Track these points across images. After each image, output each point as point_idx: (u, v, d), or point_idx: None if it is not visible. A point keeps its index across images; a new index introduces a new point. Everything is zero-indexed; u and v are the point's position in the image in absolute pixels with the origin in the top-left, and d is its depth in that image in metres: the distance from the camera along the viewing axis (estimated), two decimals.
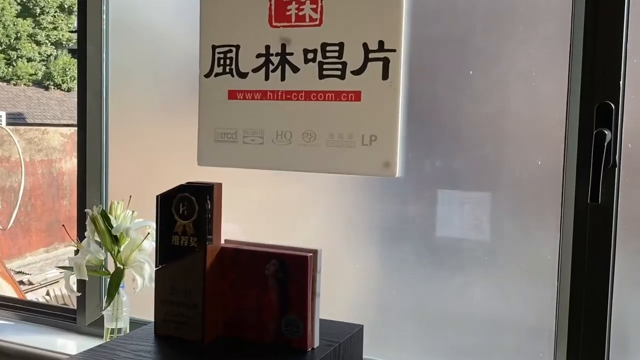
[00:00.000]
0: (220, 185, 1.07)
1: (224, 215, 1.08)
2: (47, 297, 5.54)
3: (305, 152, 1.38)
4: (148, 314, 1.16)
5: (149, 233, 1.39)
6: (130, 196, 1.43)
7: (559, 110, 1.24)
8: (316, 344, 1.05)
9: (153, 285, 1.33)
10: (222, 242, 1.10)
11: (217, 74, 1.45)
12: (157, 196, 1.08)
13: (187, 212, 1.06)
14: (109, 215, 1.40)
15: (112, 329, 1.41)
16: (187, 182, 1.07)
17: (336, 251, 1.43)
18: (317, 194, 1.47)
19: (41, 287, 5.93)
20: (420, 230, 1.36)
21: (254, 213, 1.53)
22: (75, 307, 1.72)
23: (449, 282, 1.35)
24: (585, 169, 1.20)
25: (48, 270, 6.36)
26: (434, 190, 1.34)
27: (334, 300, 1.40)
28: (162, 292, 1.09)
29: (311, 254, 1.03)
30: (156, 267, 1.09)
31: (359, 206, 1.43)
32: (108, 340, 1.37)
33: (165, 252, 1.08)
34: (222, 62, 1.44)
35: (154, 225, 1.38)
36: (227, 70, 1.44)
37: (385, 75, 1.29)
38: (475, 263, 1.33)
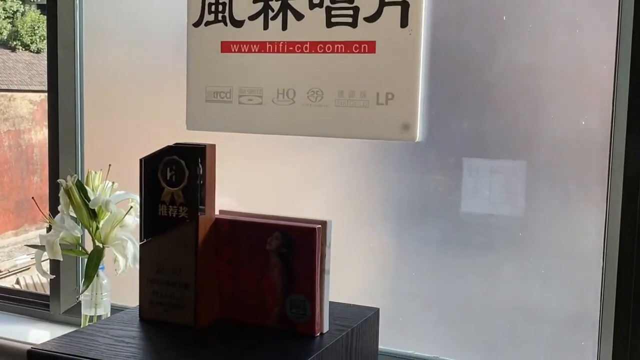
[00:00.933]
0: (213, 147, 1.06)
1: (217, 188, 1.08)
2: (17, 287, 5.58)
3: (311, 114, 1.37)
4: (132, 300, 1.16)
5: (131, 207, 1.39)
6: (110, 165, 1.43)
7: (606, 61, 1.22)
8: (325, 328, 1.05)
9: (137, 266, 1.33)
10: (217, 213, 1.09)
11: (207, 23, 1.43)
12: (140, 160, 1.07)
13: (175, 177, 1.05)
14: (86, 187, 1.40)
15: (90, 316, 1.41)
16: (176, 143, 1.06)
17: (348, 228, 1.43)
18: (325, 162, 1.47)
19: (10, 275, 5.96)
20: (444, 204, 1.36)
21: (252, 185, 1.53)
22: (49, 293, 1.72)
23: (477, 263, 1.35)
24: (637, 130, 1.18)
25: (17, 256, 6.38)
26: (460, 157, 1.34)
27: (345, 283, 1.40)
28: (148, 270, 1.08)
29: (319, 226, 1.02)
30: (140, 241, 1.09)
31: (374, 176, 1.43)
32: None
33: (151, 224, 1.07)
34: (213, 8, 1.42)
35: (137, 198, 1.38)
36: (220, 18, 1.42)
37: (404, 22, 1.28)
38: (507, 241, 1.32)
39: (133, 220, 1.39)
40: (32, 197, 1.43)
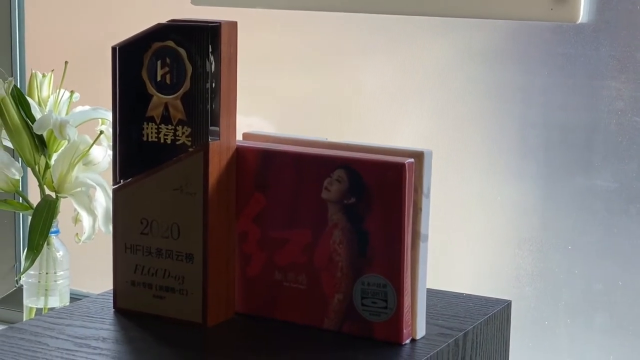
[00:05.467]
0: (234, 26, 1.05)
1: (240, 98, 1.07)
2: None
3: None
4: (105, 283, 1.18)
5: (102, 132, 1.39)
6: (67, 62, 1.44)
7: None
8: (421, 332, 1.04)
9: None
10: (239, 138, 1.09)
11: None
12: (113, 48, 1.06)
13: (171, 78, 1.04)
14: (28, 99, 1.41)
15: (37, 309, 1.44)
16: (171, 20, 1.05)
17: (457, 168, 1.44)
18: (422, 63, 1.47)
19: None
20: (627, 131, 1.36)
21: (300, 98, 1.56)
22: None
23: None
24: None
25: None
26: None
27: (453, 258, 1.39)
28: (128, 231, 1.09)
29: (412, 160, 1.00)
30: (114, 183, 1.08)
31: (504, 84, 1.43)
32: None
33: (132, 157, 1.07)
34: None
35: (110, 116, 1.39)
36: None
37: None
38: None
39: (105, 153, 1.40)
40: None
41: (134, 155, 1.07)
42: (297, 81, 1.56)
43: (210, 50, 1.02)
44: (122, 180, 1.08)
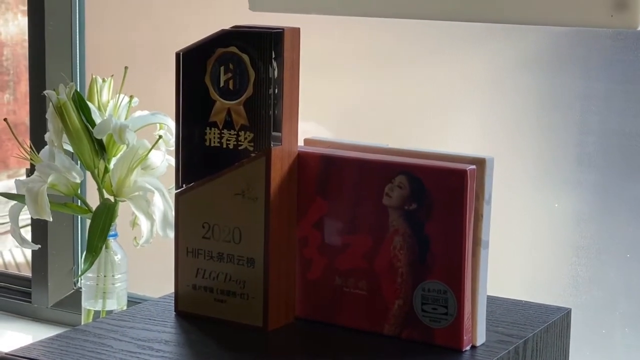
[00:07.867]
0: (297, 32, 1.06)
1: (301, 104, 1.08)
2: None
3: None
4: (163, 287, 1.19)
5: (161, 137, 1.40)
6: (127, 68, 1.44)
7: None
8: (481, 339, 1.04)
9: (170, 232, 1.34)
10: (301, 143, 1.10)
11: None
12: (177, 54, 1.07)
13: (234, 83, 1.05)
14: (88, 103, 1.41)
15: (95, 311, 1.45)
16: (235, 26, 1.06)
17: (513, 175, 1.43)
18: (477, 69, 1.47)
19: None
20: None
21: (357, 103, 1.55)
22: (30, 275, 1.77)
23: None
24: None
25: None
26: None
27: (510, 265, 1.39)
28: (190, 235, 1.09)
29: (473, 167, 1.01)
30: (177, 188, 1.09)
31: (563, 91, 1.42)
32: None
33: (194, 162, 1.08)
34: None
35: (169, 121, 1.40)
36: None
37: None
38: None
39: (163, 158, 1.41)
40: (5, 119, 1.45)
41: (197, 160, 1.08)
42: (353, 87, 1.55)
43: (273, 56, 1.03)
44: (184, 185, 1.09)
